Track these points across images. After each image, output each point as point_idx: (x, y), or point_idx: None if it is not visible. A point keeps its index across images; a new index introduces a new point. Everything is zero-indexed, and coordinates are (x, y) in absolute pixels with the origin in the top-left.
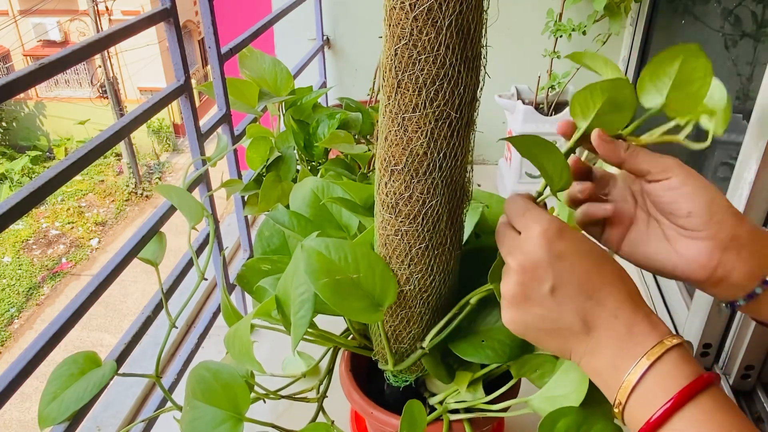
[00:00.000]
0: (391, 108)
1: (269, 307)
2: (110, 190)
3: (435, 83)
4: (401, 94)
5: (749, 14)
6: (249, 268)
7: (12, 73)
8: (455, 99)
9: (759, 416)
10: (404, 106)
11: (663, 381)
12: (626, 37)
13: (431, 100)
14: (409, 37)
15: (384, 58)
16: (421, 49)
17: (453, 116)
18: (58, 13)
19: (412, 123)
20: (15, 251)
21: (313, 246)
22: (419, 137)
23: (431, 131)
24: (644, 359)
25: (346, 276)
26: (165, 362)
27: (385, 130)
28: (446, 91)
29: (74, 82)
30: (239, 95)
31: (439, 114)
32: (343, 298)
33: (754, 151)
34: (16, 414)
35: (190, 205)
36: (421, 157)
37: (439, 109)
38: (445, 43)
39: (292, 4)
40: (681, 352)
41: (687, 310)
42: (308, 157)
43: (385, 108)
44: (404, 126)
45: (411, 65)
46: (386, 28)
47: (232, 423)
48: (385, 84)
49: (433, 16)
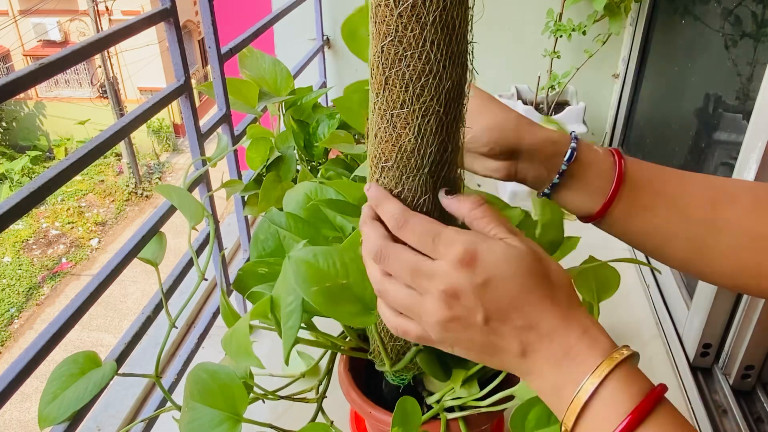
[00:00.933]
0: (380, 105)
1: (265, 308)
2: (110, 190)
3: (421, 79)
4: (389, 90)
5: (749, 14)
6: (246, 272)
7: (12, 73)
8: (441, 94)
9: (759, 416)
10: (392, 103)
11: (613, 402)
12: (626, 37)
13: (418, 96)
14: (394, 33)
15: (371, 56)
16: (406, 45)
17: (440, 111)
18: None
19: (401, 119)
20: (15, 251)
21: (301, 256)
22: (407, 133)
23: (419, 127)
24: (588, 383)
25: (336, 282)
26: (165, 362)
27: (375, 127)
28: (432, 87)
29: (74, 82)
30: (239, 95)
31: (426, 109)
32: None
33: (754, 151)
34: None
35: (190, 205)
36: (410, 153)
37: (425, 105)
38: (429, 39)
39: (292, 4)
40: (627, 367)
41: (687, 310)
42: (308, 157)
43: (374, 105)
44: (393, 122)
45: (397, 62)
46: (372, 25)
47: (230, 424)
48: (374, 81)
49: (418, 13)
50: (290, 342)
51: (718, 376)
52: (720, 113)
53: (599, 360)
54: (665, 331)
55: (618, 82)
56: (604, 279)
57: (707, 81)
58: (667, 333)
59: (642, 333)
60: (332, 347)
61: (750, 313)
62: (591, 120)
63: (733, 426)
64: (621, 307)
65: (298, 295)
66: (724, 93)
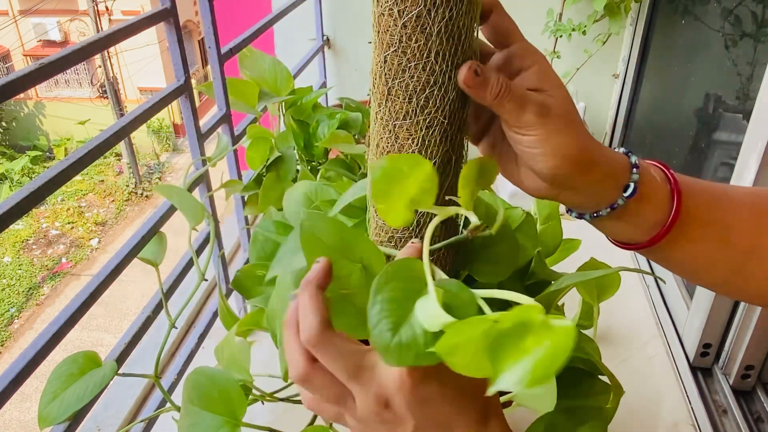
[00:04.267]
0: (382, 115)
1: (256, 319)
2: (110, 190)
3: (425, 90)
4: (392, 101)
5: (749, 14)
6: (244, 273)
7: (12, 73)
8: (446, 106)
9: (759, 416)
10: (395, 114)
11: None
12: (626, 37)
13: (422, 108)
14: (398, 44)
15: (374, 65)
16: (410, 56)
17: (444, 123)
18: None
19: (403, 130)
20: (15, 251)
21: (301, 269)
22: (410, 145)
23: (422, 138)
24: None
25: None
26: (165, 362)
27: (377, 137)
28: (437, 98)
29: (74, 82)
30: (239, 95)
31: (431, 121)
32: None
33: (754, 151)
34: (16, 414)
35: (190, 205)
36: None
37: (430, 116)
38: (434, 49)
39: (292, 4)
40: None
41: (687, 310)
42: (308, 157)
43: (376, 115)
44: (395, 134)
45: (401, 72)
46: (375, 35)
47: (229, 428)
48: (376, 91)
49: (422, 23)
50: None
51: (718, 376)
52: (720, 113)
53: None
54: (665, 331)
55: (618, 82)
56: (605, 280)
57: (707, 81)
58: (667, 333)
59: (642, 333)
60: None
61: (750, 313)
62: (591, 120)
63: (733, 426)
64: (621, 307)
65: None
66: (724, 93)
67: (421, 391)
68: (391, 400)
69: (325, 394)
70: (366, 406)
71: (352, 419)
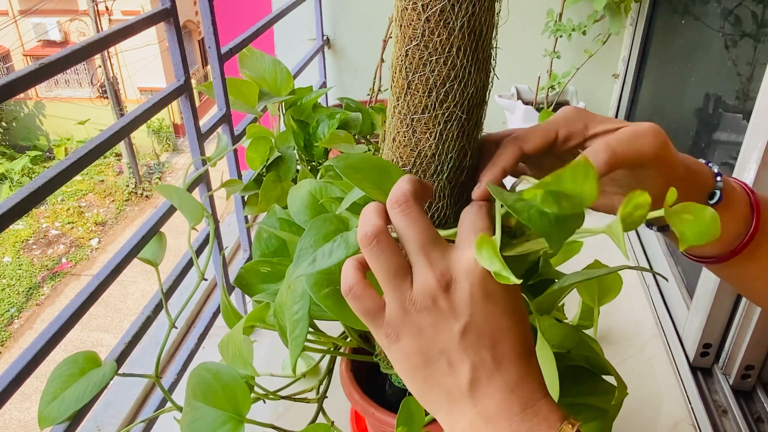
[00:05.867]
0: (400, 109)
1: (262, 314)
2: (110, 190)
3: (445, 85)
4: (411, 95)
5: (749, 14)
6: (248, 270)
7: (12, 73)
8: (465, 101)
9: (759, 416)
10: (414, 108)
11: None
12: (626, 37)
13: (441, 102)
14: (420, 38)
15: (394, 59)
16: (432, 50)
17: (462, 118)
18: (58, 13)
19: (421, 124)
20: (15, 251)
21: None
22: (428, 138)
23: (440, 133)
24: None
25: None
26: (165, 362)
27: (393, 131)
28: (456, 93)
29: (74, 82)
30: (239, 95)
31: (449, 115)
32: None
33: (754, 151)
34: (16, 414)
35: (190, 205)
36: (429, 158)
37: (449, 111)
38: (456, 44)
39: (292, 4)
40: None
41: (687, 310)
42: (308, 157)
43: (393, 109)
44: (413, 127)
45: (422, 66)
46: (397, 28)
47: (233, 424)
48: (395, 85)
49: (446, 18)
50: (297, 351)
51: (718, 376)
52: (720, 113)
53: (560, 421)
54: (665, 331)
55: (618, 82)
56: (606, 283)
57: (707, 81)
58: (667, 333)
59: (642, 333)
60: (334, 350)
61: (750, 313)
62: None
63: (733, 426)
64: (621, 307)
65: (305, 304)
66: (724, 93)
67: (489, 285)
68: (455, 283)
69: (385, 262)
70: (424, 285)
71: (397, 307)
